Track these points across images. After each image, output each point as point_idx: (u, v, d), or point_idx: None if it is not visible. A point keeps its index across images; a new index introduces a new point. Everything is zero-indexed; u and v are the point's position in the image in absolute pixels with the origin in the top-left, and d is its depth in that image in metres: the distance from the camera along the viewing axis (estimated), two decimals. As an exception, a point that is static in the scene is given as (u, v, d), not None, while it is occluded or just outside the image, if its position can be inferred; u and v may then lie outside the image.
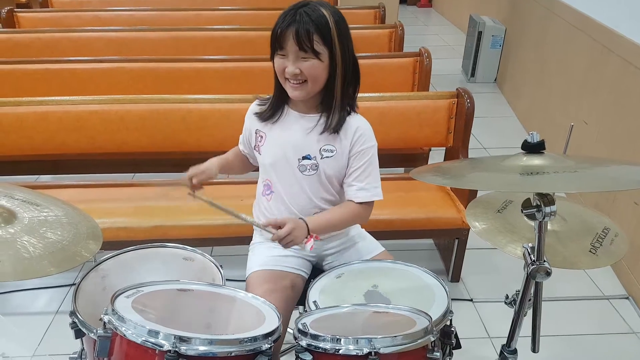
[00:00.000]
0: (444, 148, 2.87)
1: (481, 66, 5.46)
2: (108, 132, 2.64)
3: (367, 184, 1.69)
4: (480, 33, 5.32)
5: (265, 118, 1.73)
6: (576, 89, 3.62)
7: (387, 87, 3.08)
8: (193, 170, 1.73)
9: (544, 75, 4.27)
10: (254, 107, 1.79)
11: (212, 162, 1.80)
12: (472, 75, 5.52)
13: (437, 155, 3.22)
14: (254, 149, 1.79)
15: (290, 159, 1.69)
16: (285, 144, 1.70)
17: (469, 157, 2.75)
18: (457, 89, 2.69)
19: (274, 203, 1.76)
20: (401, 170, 3.48)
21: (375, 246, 1.89)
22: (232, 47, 3.66)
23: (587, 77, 3.45)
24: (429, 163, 3.25)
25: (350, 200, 1.70)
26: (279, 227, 1.56)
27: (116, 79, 3.16)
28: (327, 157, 1.68)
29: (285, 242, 1.55)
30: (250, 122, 1.79)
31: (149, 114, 2.64)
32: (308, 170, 1.69)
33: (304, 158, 1.68)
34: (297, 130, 1.69)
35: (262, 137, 1.75)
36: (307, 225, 1.60)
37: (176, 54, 3.52)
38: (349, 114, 1.67)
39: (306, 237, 1.59)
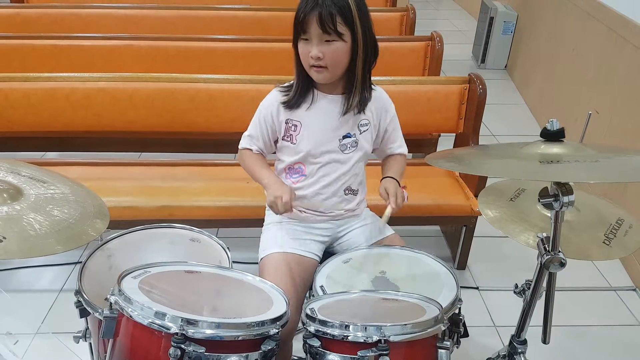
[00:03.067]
0: (454, 134, 2.83)
1: (492, 52, 5.39)
2: (116, 110, 2.61)
3: (402, 141, 1.90)
4: (491, 19, 5.25)
5: (295, 106, 1.72)
6: (589, 78, 3.57)
7: (397, 71, 3.04)
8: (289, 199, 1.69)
9: (556, 63, 4.22)
10: (277, 96, 1.75)
11: (279, 180, 1.76)
12: (483, 61, 5.46)
13: (445, 142, 3.18)
14: (284, 139, 1.75)
15: (332, 142, 1.73)
16: (324, 127, 1.72)
17: (479, 144, 2.72)
18: (469, 75, 2.65)
19: (305, 186, 1.77)
20: (409, 155, 3.44)
21: (386, 228, 1.88)
22: (242, 27, 3.61)
23: (601, 66, 3.40)
24: (437, 149, 3.21)
25: (397, 154, 1.90)
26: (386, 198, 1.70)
27: (125, 56, 3.12)
28: (365, 130, 1.76)
29: (400, 203, 1.70)
30: (276, 113, 1.74)
31: (157, 93, 2.60)
32: (349, 149, 1.74)
33: (345, 137, 1.73)
34: (330, 111, 1.71)
35: (296, 125, 1.73)
36: (396, 180, 1.78)
37: (186, 33, 3.47)
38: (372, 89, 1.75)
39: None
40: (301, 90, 1.71)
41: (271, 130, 1.77)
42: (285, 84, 1.76)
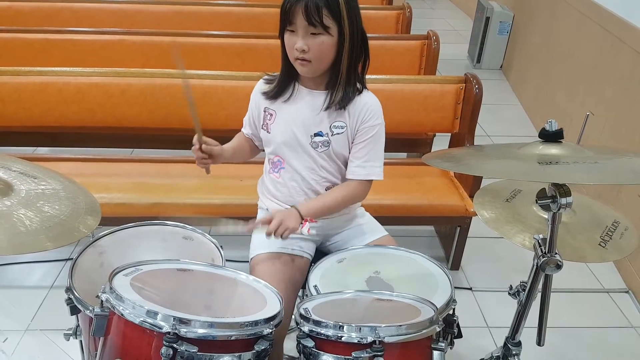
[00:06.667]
0: (449, 134, 2.83)
1: (487, 52, 5.39)
2: (108, 106, 2.59)
3: (365, 162, 1.68)
4: (487, 19, 5.25)
5: (273, 96, 1.70)
6: (584, 80, 3.57)
7: (393, 69, 3.03)
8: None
9: (552, 64, 4.22)
10: (261, 85, 1.76)
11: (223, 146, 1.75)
12: (478, 61, 5.45)
13: (440, 141, 3.17)
14: (262, 127, 1.76)
15: (302, 136, 1.68)
16: (297, 121, 1.68)
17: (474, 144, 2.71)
18: (465, 74, 2.64)
19: (285, 180, 1.74)
20: (404, 155, 3.45)
21: (379, 229, 1.88)
22: (236, 23, 3.60)
23: (596, 67, 3.40)
24: (432, 149, 3.21)
25: (348, 179, 1.71)
26: (268, 222, 1.55)
27: (118, 51, 3.10)
28: (338, 133, 1.67)
29: (280, 232, 1.55)
30: (258, 101, 1.75)
31: (150, 89, 2.58)
32: (320, 147, 1.68)
33: (316, 135, 1.67)
34: (307, 106, 1.67)
35: (271, 114, 1.72)
36: (298, 211, 1.61)
37: (180, 29, 3.46)
38: (360, 91, 1.66)
39: (301, 223, 1.60)
40: (283, 82, 1.69)
41: (256, 117, 1.77)
42: (273, 74, 1.74)
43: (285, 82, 1.69)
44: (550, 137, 1.29)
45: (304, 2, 1.48)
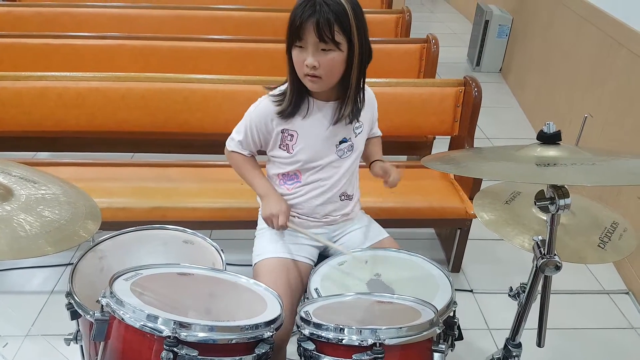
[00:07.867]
0: (449, 137, 2.83)
1: (486, 55, 5.40)
2: (108, 110, 2.59)
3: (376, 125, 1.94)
4: (487, 22, 5.26)
5: (290, 115, 1.67)
6: (583, 82, 3.57)
7: (392, 73, 3.03)
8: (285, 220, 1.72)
9: (550, 67, 4.22)
10: (270, 106, 1.69)
11: (276, 194, 1.77)
12: (477, 64, 5.47)
13: (440, 144, 3.18)
14: (280, 147, 1.73)
15: (329, 148, 1.71)
16: (322, 136, 1.70)
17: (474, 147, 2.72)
18: (464, 77, 2.64)
19: (298, 192, 1.76)
20: (404, 158, 3.45)
21: (380, 231, 1.89)
22: (236, 28, 3.60)
23: (595, 70, 3.40)
24: (432, 152, 3.21)
25: (375, 138, 1.94)
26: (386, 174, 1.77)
27: (118, 56, 3.10)
28: (359, 132, 1.76)
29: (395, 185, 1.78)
30: (271, 123, 1.69)
31: (150, 93, 2.58)
32: (346, 153, 1.74)
33: (341, 142, 1.72)
34: (327, 118, 1.69)
35: (292, 135, 1.70)
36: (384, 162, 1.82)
37: (180, 33, 3.45)
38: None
39: None
40: (296, 99, 1.65)
41: (263, 139, 1.74)
42: (276, 92, 1.70)
43: (298, 99, 1.66)
44: (548, 139, 1.30)
45: (316, 18, 1.47)
